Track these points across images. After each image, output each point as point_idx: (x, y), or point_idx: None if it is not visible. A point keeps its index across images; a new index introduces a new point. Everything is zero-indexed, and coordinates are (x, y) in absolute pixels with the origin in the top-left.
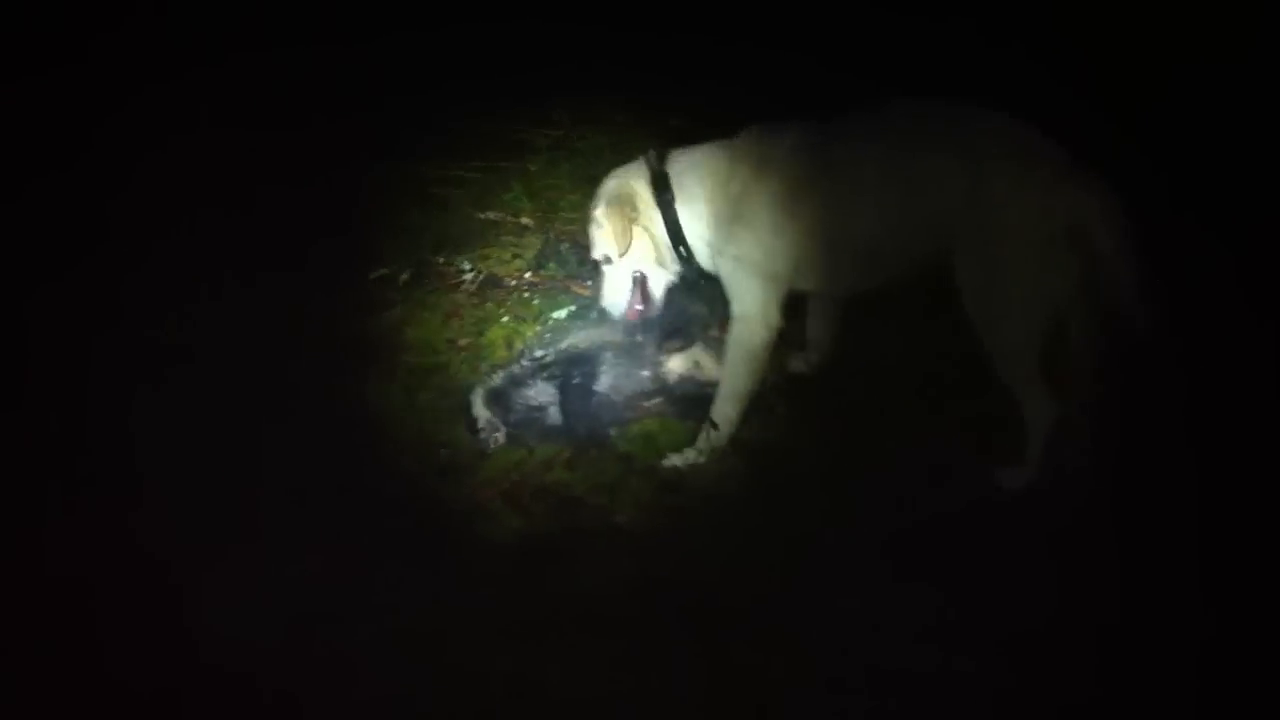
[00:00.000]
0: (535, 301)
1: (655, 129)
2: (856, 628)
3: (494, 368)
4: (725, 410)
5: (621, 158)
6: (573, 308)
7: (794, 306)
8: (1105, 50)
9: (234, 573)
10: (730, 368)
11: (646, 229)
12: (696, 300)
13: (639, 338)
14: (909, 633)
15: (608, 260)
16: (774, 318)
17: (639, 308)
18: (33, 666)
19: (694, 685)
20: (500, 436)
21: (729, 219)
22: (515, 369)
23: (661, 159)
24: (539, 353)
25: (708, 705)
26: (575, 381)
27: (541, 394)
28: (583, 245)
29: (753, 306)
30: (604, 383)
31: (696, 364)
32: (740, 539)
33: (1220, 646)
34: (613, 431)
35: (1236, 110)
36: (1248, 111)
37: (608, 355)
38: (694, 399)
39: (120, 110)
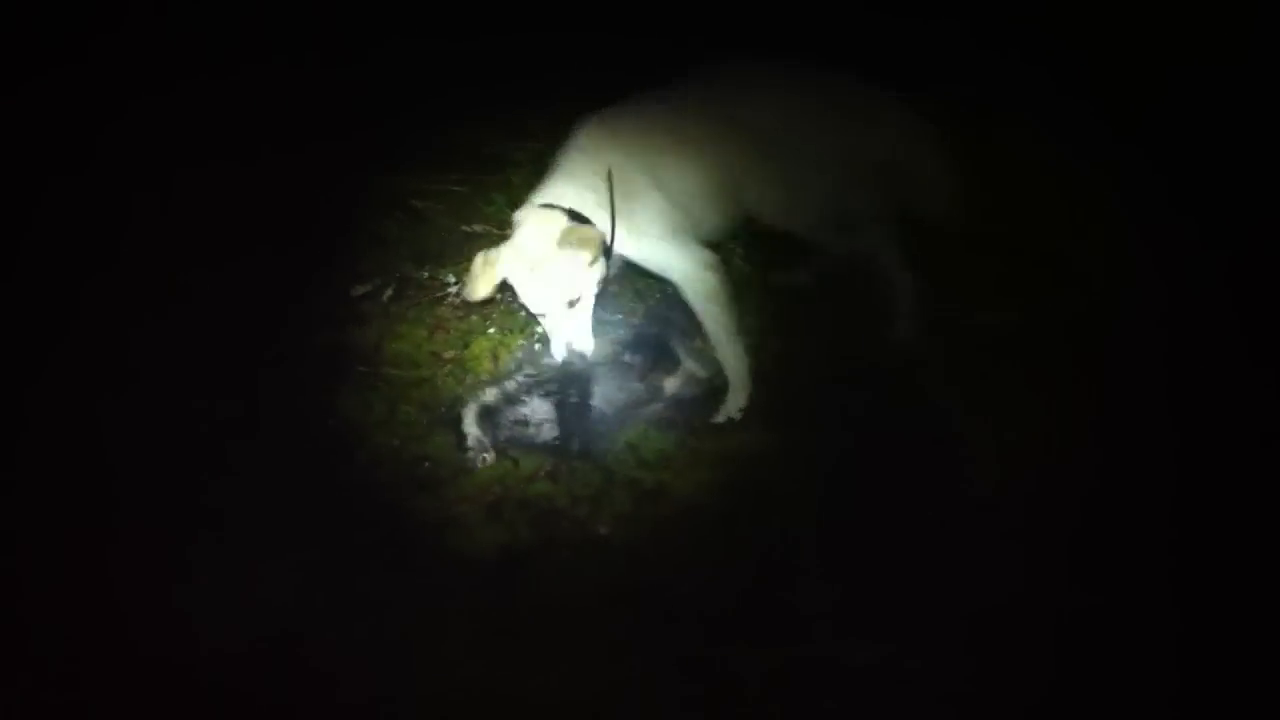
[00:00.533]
0: (520, 313)
1: None
2: (847, 627)
3: (488, 384)
4: (732, 351)
5: None
6: None
7: None
8: (1105, 50)
9: (222, 580)
10: (709, 320)
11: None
12: (669, 309)
13: (626, 357)
14: (900, 632)
15: (571, 304)
16: (706, 257)
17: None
18: (13, 675)
19: (685, 688)
20: (489, 457)
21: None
22: (509, 385)
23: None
24: (532, 369)
25: (701, 708)
26: (572, 399)
27: (536, 411)
28: None
29: (682, 263)
30: (598, 395)
31: (691, 376)
32: (724, 545)
33: (1208, 645)
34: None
35: (1236, 110)
36: (1247, 111)
37: (599, 368)
38: (701, 399)
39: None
